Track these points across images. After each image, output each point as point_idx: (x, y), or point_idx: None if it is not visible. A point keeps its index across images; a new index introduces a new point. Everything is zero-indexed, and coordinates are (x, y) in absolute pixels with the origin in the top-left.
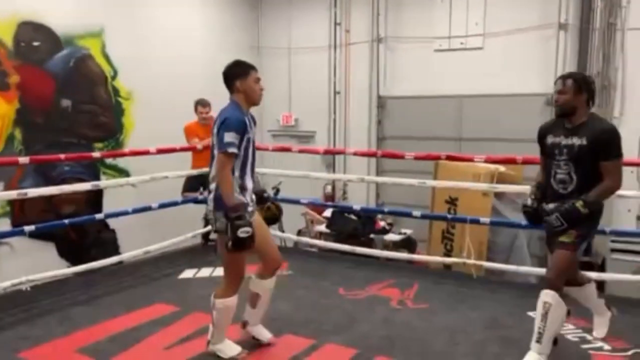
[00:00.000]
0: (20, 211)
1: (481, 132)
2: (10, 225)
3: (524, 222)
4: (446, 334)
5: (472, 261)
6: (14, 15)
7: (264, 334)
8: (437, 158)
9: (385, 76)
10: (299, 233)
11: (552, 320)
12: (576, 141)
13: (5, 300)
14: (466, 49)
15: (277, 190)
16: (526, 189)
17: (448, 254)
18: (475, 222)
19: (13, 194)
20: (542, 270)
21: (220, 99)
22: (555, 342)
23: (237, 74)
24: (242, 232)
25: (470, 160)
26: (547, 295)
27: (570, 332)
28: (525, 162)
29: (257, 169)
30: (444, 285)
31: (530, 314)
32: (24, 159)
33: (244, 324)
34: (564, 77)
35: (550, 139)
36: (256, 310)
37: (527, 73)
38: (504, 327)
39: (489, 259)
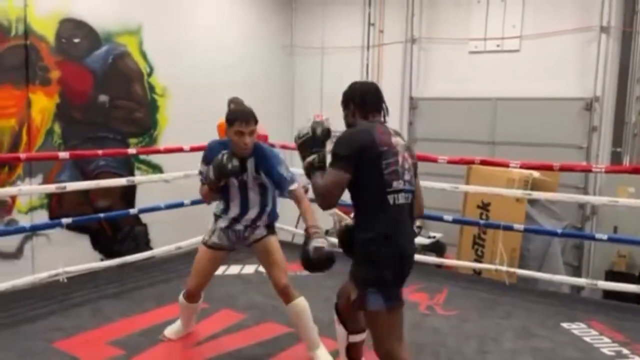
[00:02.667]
0: (57, 203)
1: (515, 136)
2: (47, 216)
3: (559, 229)
4: (476, 342)
5: (504, 268)
6: (57, 13)
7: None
8: (471, 162)
9: (418, 77)
10: (327, 233)
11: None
12: None
13: (41, 290)
14: (502, 51)
15: (307, 190)
16: (562, 196)
17: (479, 259)
18: (509, 228)
19: (52, 187)
20: (577, 280)
21: (252, 97)
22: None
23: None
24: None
25: (506, 165)
26: None
27: (606, 345)
28: (563, 169)
29: None
30: (474, 292)
31: (565, 325)
32: (63, 154)
33: None
34: None
35: None
36: (302, 335)
37: (565, 77)
38: (535, 337)
39: (520, 267)
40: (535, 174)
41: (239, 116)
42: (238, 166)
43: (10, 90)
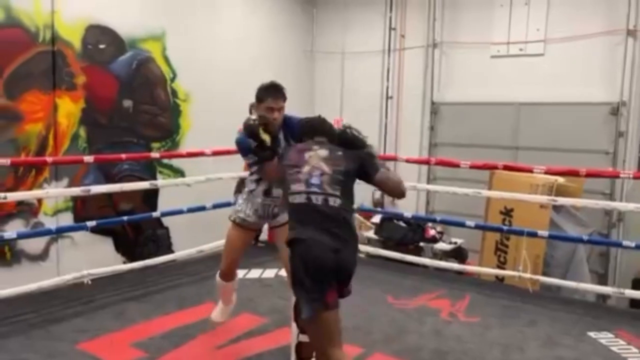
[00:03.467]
0: (82, 206)
1: (539, 142)
2: (72, 219)
3: (585, 236)
4: (499, 350)
5: (527, 275)
6: (83, 19)
7: None
8: (494, 168)
9: (440, 82)
10: None
11: None
12: None
13: (66, 292)
14: (526, 55)
15: None
16: (589, 202)
17: (501, 266)
18: (533, 235)
19: (78, 190)
20: (603, 288)
21: None
22: None
23: None
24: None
25: (530, 171)
26: None
27: (635, 356)
28: (589, 174)
29: None
30: (497, 299)
31: (591, 334)
32: (88, 158)
33: None
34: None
35: None
36: None
37: (591, 81)
38: (560, 346)
39: (544, 274)
40: (560, 179)
41: (270, 94)
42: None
43: (38, 95)
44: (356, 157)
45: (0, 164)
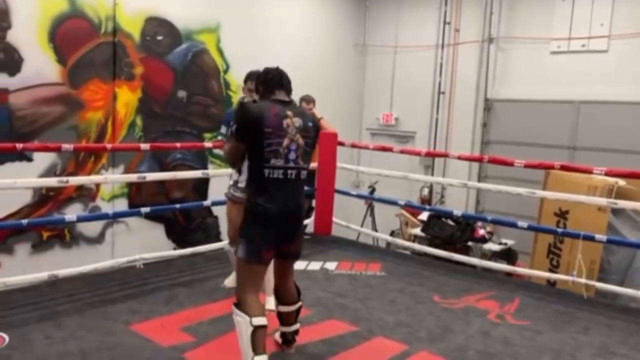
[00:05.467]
0: (136, 192)
1: (599, 142)
2: (127, 205)
3: None
4: (550, 356)
5: (582, 280)
6: (143, 11)
7: None
8: (551, 167)
9: (495, 78)
10: (392, 234)
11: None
12: None
13: (120, 275)
14: (588, 51)
15: (373, 189)
16: None
17: (554, 269)
18: (590, 238)
19: (134, 177)
20: None
21: (323, 95)
22: None
23: None
24: None
25: (589, 171)
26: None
27: None
28: None
29: (353, 167)
30: (548, 303)
31: None
32: (144, 146)
33: None
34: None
35: None
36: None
37: None
38: (616, 355)
39: (600, 280)
40: (621, 182)
41: (250, 77)
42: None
43: (99, 84)
44: (318, 129)
45: (64, 150)
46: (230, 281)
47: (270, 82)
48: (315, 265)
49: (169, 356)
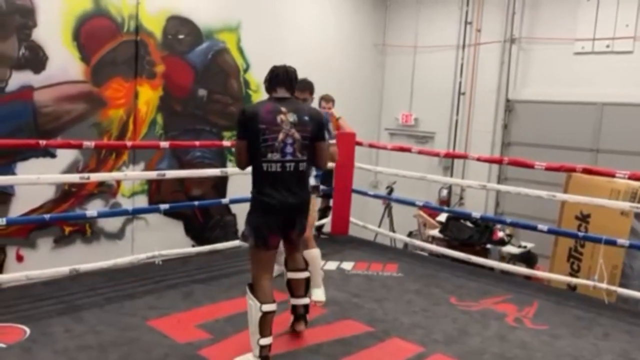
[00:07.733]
0: (156, 189)
1: (623, 144)
2: (147, 202)
3: None
4: None
5: (604, 285)
6: (165, 10)
7: None
8: (572, 170)
9: (516, 78)
10: (410, 235)
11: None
12: None
13: (138, 270)
14: (613, 52)
15: (391, 190)
16: None
17: (574, 274)
18: (612, 243)
19: (154, 174)
20: None
21: (342, 94)
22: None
23: None
24: None
25: (611, 175)
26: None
27: None
28: None
29: (371, 167)
30: (568, 308)
31: None
32: (164, 144)
33: None
34: None
35: None
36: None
37: None
38: None
39: (621, 285)
40: None
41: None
42: None
43: (121, 82)
44: (319, 123)
45: (86, 147)
46: (318, 295)
47: (274, 80)
48: (331, 265)
49: (184, 352)
